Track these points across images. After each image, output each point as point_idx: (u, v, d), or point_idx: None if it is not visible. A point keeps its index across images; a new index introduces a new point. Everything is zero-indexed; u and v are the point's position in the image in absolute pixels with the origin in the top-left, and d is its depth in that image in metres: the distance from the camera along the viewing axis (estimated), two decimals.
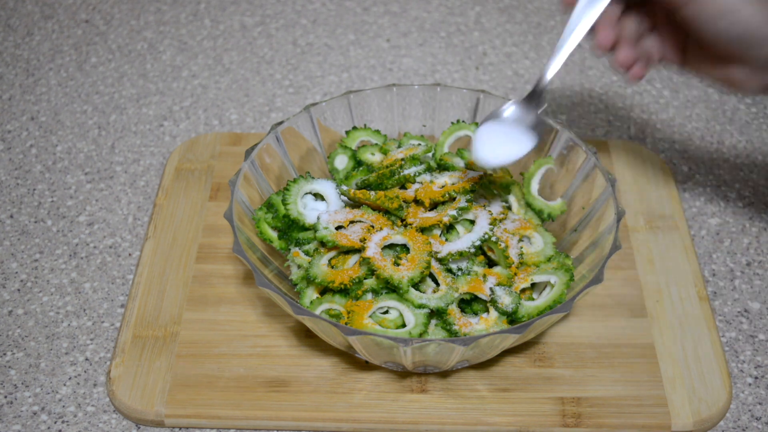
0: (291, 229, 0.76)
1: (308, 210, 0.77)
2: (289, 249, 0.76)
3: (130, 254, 0.86)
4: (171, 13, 1.18)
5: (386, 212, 0.75)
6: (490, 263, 0.74)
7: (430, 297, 0.70)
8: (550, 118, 0.81)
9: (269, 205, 0.77)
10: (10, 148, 0.98)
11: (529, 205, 0.80)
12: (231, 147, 0.95)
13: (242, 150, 0.94)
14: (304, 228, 0.76)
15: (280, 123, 0.80)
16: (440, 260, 0.72)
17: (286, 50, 1.12)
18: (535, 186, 0.81)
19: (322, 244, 0.74)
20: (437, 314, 0.71)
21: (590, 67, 1.09)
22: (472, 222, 0.74)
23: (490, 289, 0.71)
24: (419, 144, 0.83)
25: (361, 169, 0.82)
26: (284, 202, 0.76)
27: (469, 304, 0.72)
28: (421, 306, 0.70)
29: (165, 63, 1.10)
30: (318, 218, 0.74)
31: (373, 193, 0.75)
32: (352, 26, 1.16)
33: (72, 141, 0.99)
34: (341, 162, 0.82)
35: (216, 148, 0.95)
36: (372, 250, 0.71)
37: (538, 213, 0.80)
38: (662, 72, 1.08)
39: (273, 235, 0.77)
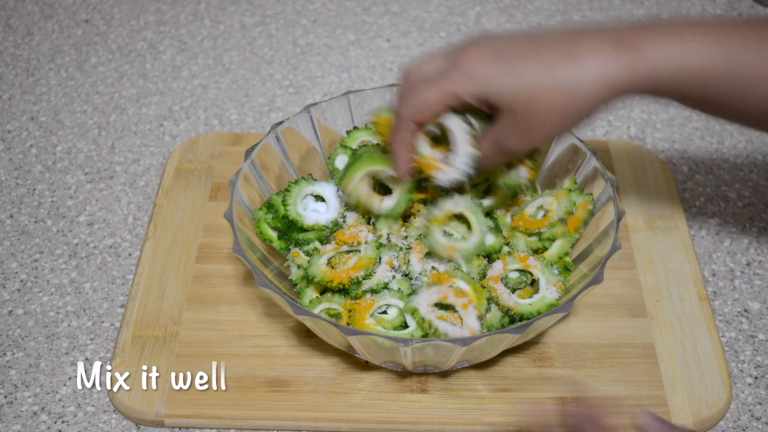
0: (291, 229, 0.76)
1: (308, 211, 0.77)
2: (289, 249, 0.76)
3: (130, 254, 0.86)
4: (171, 13, 1.18)
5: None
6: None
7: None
8: None
9: (269, 206, 0.77)
10: (10, 148, 0.98)
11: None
12: (231, 147, 0.95)
13: (242, 150, 0.94)
14: (303, 229, 0.76)
15: (280, 123, 0.80)
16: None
17: (286, 50, 1.12)
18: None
19: (321, 242, 0.75)
20: None
21: None
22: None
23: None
24: None
25: None
26: (284, 203, 0.76)
27: None
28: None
29: (165, 63, 1.10)
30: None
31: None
32: (352, 26, 1.16)
33: (72, 141, 0.99)
34: (342, 162, 0.82)
35: (216, 148, 0.95)
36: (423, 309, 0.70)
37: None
38: None
39: (273, 235, 0.77)
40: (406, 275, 0.74)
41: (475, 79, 0.62)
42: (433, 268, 0.74)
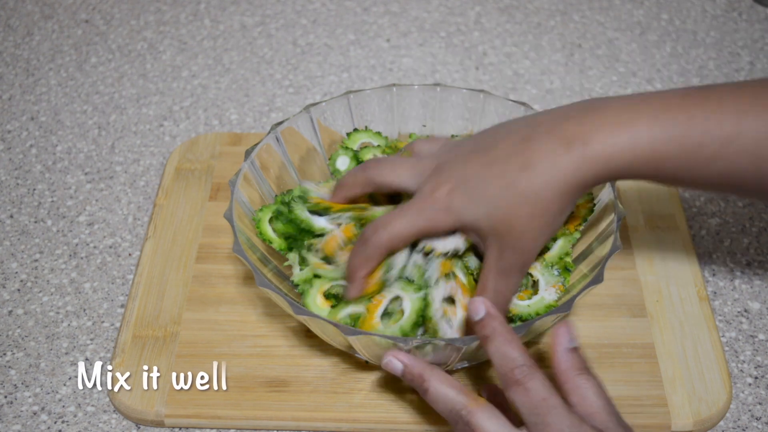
0: (302, 234, 0.75)
1: (315, 215, 0.76)
2: (290, 249, 0.76)
3: (130, 254, 0.86)
4: (171, 13, 1.18)
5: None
6: None
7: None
8: None
9: (278, 213, 0.76)
10: (10, 148, 0.98)
11: None
12: (231, 147, 0.95)
13: (242, 150, 0.94)
14: (313, 233, 0.75)
15: (280, 123, 0.80)
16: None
17: (286, 50, 1.12)
18: None
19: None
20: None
21: (590, 67, 1.09)
22: None
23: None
24: None
25: None
26: (290, 211, 0.75)
27: None
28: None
29: (165, 63, 1.10)
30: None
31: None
32: (352, 26, 1.16)
33: (72, 141, 0.99)
34: (343, 163, 0.82)
35: (216, 148, 0.95)
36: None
37: None
38: (662, 72, 1.08)
39: (273, 235, 0.76)
40: (418, 265, 0.72)
41: (452, 212, 0.66)
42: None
